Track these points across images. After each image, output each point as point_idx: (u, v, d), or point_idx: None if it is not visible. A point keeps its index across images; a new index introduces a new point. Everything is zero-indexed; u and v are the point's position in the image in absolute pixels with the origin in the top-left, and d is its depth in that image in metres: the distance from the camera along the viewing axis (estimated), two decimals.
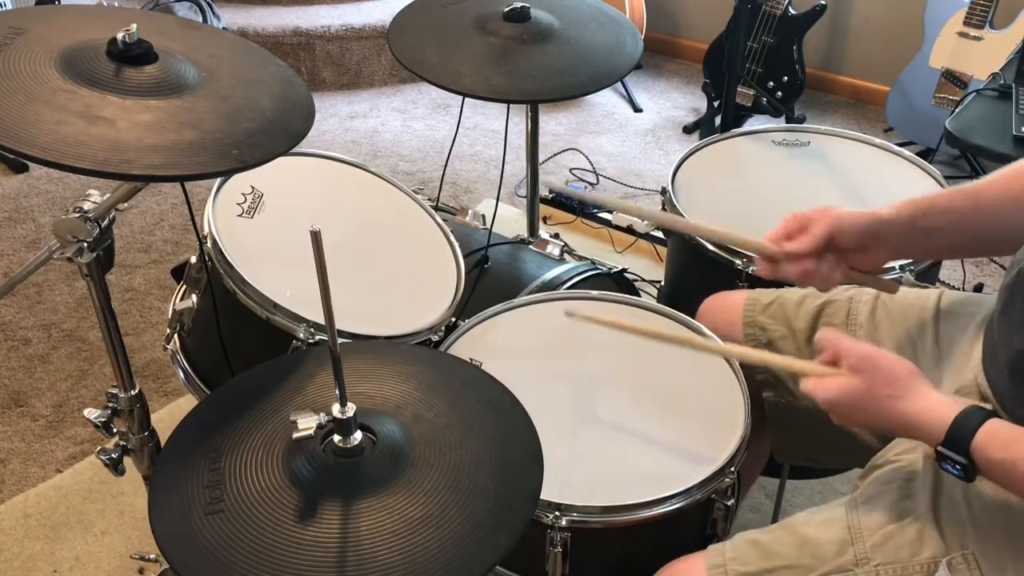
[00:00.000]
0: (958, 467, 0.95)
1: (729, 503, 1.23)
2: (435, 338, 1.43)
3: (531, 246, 1.92)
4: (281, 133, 1.09)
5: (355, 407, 0.94)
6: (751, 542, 1.09)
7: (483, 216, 1.95)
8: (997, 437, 0.93)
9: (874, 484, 1.10)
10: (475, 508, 0.92)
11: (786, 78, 3.14)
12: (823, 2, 3.05)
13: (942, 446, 0.95)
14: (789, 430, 1.39)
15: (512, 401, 1.07)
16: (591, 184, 3.06)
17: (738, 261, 1.51)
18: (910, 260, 1.47)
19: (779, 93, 3.16)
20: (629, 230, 2.72)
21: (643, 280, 2.34)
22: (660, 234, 2.61)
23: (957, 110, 2.09)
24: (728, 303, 1.45)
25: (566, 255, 1.90)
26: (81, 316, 2.45)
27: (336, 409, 0.94)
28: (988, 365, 1.08)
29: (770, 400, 1.38)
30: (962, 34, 2.92)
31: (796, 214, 1.16)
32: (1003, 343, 1.03)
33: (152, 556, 1.75)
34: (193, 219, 1.32)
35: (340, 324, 0.93)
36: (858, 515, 1.06)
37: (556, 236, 2.02)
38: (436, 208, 1.69)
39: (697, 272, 1.67)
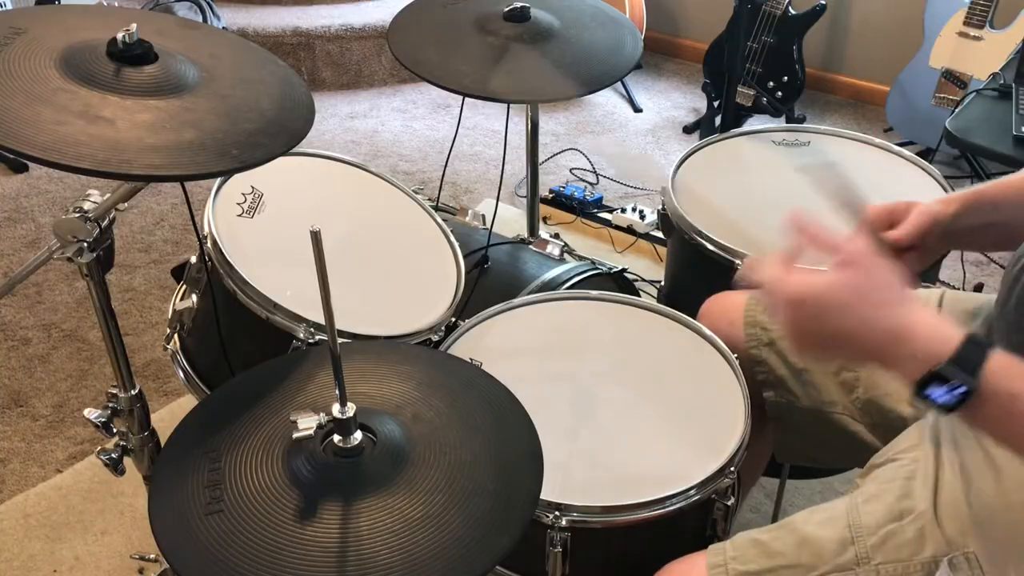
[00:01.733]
0: (957, 392, 0.82)
1: (729, 503, 1.23)
2: (435, 338, 1.43)
3: (531, 246, 1.92)
4: (281, 133, 1.09)
5: (355, 407, 0.94)
6: (752, 541, 1.09)
7: (483, 216, 1.95)
8: (1013, 367, 0.83)
9: (874, 483, 1.10)
10: (475, 508, 0.92)
11: (786, 78, 3.14)
12: (823, 2, 3.05)
13: (947, 365, 0.82)
14: (789, 430, 1.39)
15: (512, 401, 1.07)
16: (591, 184, 3.06)
17: (738, 261, 1.51)
18: None
19: (779, 93, 3.16)
20: (629, 230, 2.73)
21: (643, 280, 2.34)
22: (660, 234, 2.62)
23: (957, 110, 2.09)
24: (729, 303, 1.45)
25: (566, 255, 1.90)
26: (81, 316, 2.45)
27: (336, 409, 0.94)
28: None
29: (771, 400, 1.38)
30: (962, 34, 2.92)
31: (881, 206, 1.16)
32: (1004, 340, 1.03)
33: (152, 556, 1.75)
34: (193, 219, 1.32)
35: (340, 324, 0.93)
36: (858, 514, 1.06)
37: (556, 236, 2.02)
38: (436, 208, 1.69)
39: (697, 272, 1.67)
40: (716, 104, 3.33)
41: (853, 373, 1.28)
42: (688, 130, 3.45)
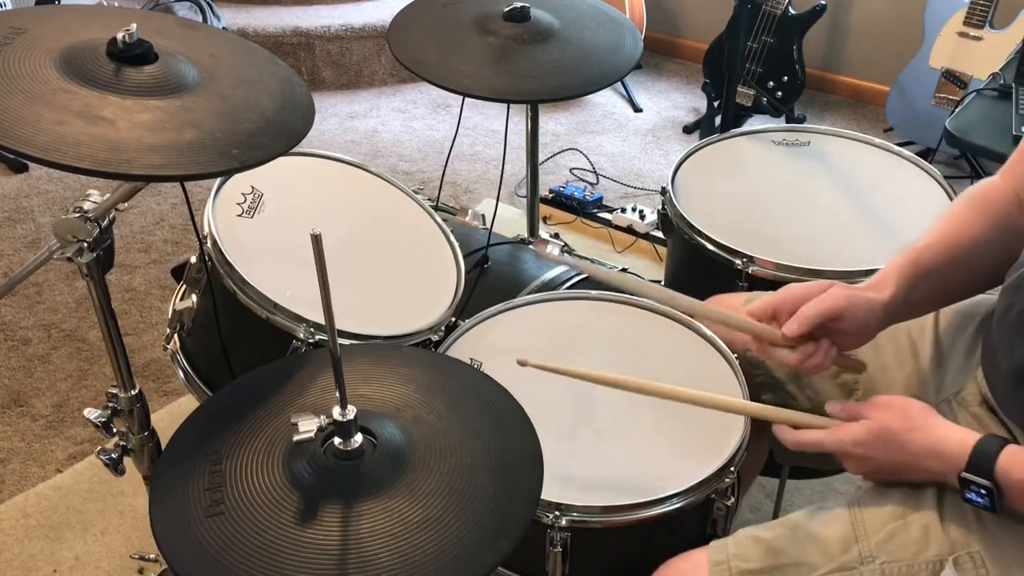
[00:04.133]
0: (983, 492, 0.95)
1: (729, 503, 1.23)
2: (435, 338, 1.43)
3: (531, 246, 1.92)
4: (281, 133, 1.09)
5: (355, 409, 0.94)
6: (754, 539, 1.08)
7: (483, 216, 1.95)
8: (1020, 458, 0.94)
9: (879, 484, 1.10)
10: (475, 511, 0.92)
11: (786, 78, 3.13)
12: (823, 2, 3.05)
13: (966, 471, 0.96)
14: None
15: (512, 403, 1.07)
16: (591, 184, 3.06)
17: (738, 261, 1.51)
18: None
19: (779, 93, 3.16)
20: (629, 230, 2.72)
21: (643, 280, 2.34)
22: (660, 234, 2.62)
23: (957, 110, 2.09)
24: (726, 306, 1.45)
25: (566, 255, 1.90)
26: (81, 316, 2.45)
27: (336, 411, 0.94)
28: (988, 368, 1.08)
29: (769, 402, 1.37)
30: (962, 34, 2.92)
31: (788, 294, 1.10)
32: (1005, 349, 1.03)
33: (152, 556, 1.75)
34: (193, 219, 1.32)
35: (340, 324, 0.93)
36: (862, 512, 1.06)
37: (556, 236, 2.02)
38: (436, 208, 1.69)
39: (697, 272, 1.67)
40: (716, 104, 3.33)
41: (852, 376, 1.28)
42: (688, 130, 3.45)
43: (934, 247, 1.11)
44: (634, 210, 2.74)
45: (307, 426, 0.92)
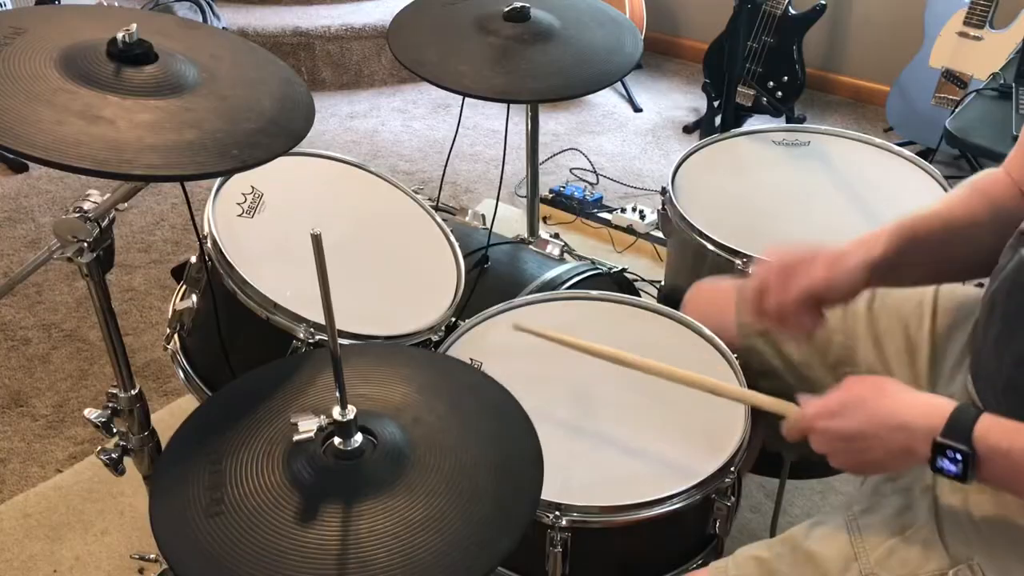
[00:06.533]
0: (958, 459, 0.90)
1: (729, 503, 1.23)
2: (435, 338, 1.43)
3: (531, 246, 1.92)
4: (281, 133, 1.09)
5: (356, 409, 0.94)
6: (754, 559, 1.08)
7: (483, 216, 1.95)
8: (998, 425, 0.91)
9: (873, 495, 1.09)
10: (475, 511, 0.92)
11: (786, 78, 3.14)
12: (823, 2, 3.05)
13: (942, 436, 0.91)
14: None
15: (512, 403, 1.07)
16: (591, 184, 3.06)
17: (738, 261, 1.51)
18: None
19: (779, 93, 3.16)
20: (629, 230, 2.72)
21: (643, 280, 2.34)
22: (660, 234, 2.62)
23: (957, 110, 2.10)
24: (717, 292, 1.44)
25: (566, 255, 1.90)
26: (81, 316, 2.45)
27: (337, 411, 0.94)
28: (975, 371, 1.08)
29: (765, 388, 1.36)
30: (962, 34, 2.92)
31: (772, 270, 1.11)
32: (990, 355, 1.03)
33: (152, 556, 1.75)
34: (193, 219, 1.32)
35: (340, 324, 0.93)
36: (859, 528, 1.05)
37: (556, 236, 2.01)
38: (436, 208, 1.69)
39: (697, 272, 1.67)
40: (716, 104, 3.32)
41: (850, 367, 1.27)
42: (688, 130, 3.45)
43: (930, 218, 1.11)
44: (634, 210, 2.74)
45: (307, 426, 0.92)
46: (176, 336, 1.57)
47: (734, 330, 1.38)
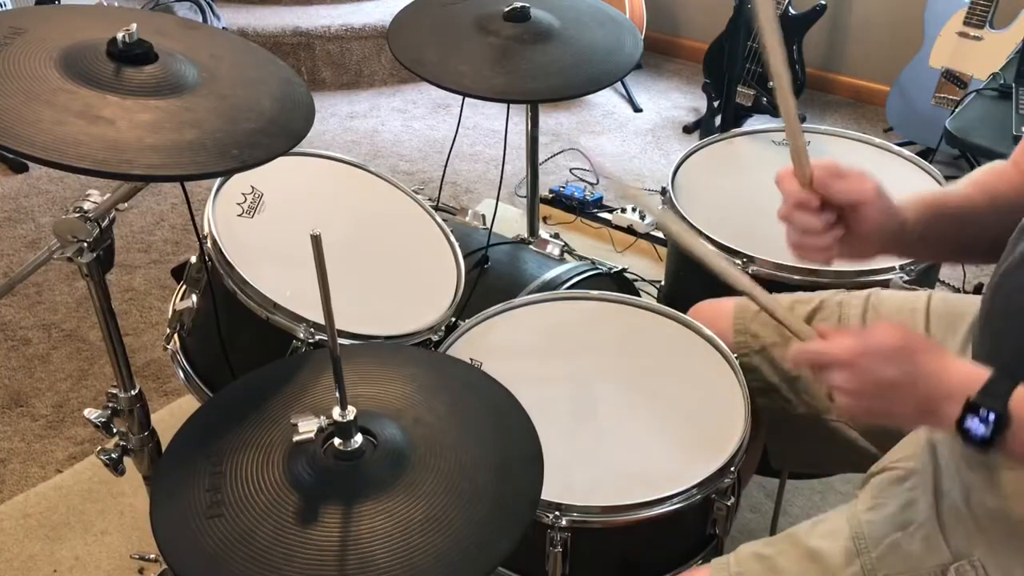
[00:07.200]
0: (989, 420, 0.86)
1: (729, 503, 1.23)
2: (435, 338, 1.43)
3: (531, 246, 1.92)
4: (281, 133, 1.09)
5: (356, 410, 0.94)
6: (756, 556, 1.08)
7: (483, 216, 1.95)
8: None
9: (874, 493, 1.09)
10: (475, 511, 0.92)
11: None
12: (823, 2, 3.05)
13: (980, 394, 0.87)
14: (784, 437, 1.39)
15: (512, 403, 1.07)
16: (591, 184, 3.06)
17: (738, 261, 1.51)
18: (909, 260, 1.47)
19: None
20: (629, 230, 2.72)
21: (643, 280, 2.34)
22: (660, 234, 2.62)
23: (957, 110, 2.10)
24: (717, 310, 1.44)
25: (566, 255, 1.90)
26: (81, 316, 2.45)
27: (337, 412, 0.94)
28: None
29: (764, 405, 1.37)
30: (962, 34, 2.92)
31: (832, 167, 1.03)
32: (987, 352, 1.02)
33: (152, 556, 1.75)
34: (193, 219, 1.32)
35: (340, 324, 0.93)
36: (861, 525, 1.05)
37: (556, 236, 2.01)
38: (436, 208, 1.69)
39: (697, 272, 1.66)
40: (716, 104, 3.32)
41: None
42: (688, 130, 3.45)
43: (958, 193, 1.10)
44: (634, 210, 2.74)
45: (307, 427, 0.92)
46: (176, 336, 1.57)
47: (733, 348, 1.38)
